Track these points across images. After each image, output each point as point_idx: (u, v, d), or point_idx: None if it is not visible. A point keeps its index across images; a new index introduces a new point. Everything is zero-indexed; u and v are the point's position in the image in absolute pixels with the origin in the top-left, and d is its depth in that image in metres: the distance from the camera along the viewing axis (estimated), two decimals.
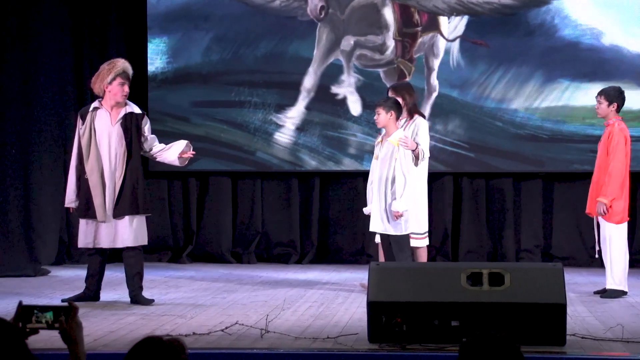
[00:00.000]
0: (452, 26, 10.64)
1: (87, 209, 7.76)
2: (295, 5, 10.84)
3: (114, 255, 11.01)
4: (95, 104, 7.85)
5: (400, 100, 8.48)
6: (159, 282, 9.20)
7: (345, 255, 10.99)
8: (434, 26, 10.68)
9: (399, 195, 8.19)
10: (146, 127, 7.95)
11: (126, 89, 7.78)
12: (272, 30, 10.86)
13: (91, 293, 7.89)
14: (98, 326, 6.68)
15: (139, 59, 11.00)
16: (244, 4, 10.88)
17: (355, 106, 10.77)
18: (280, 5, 10.85)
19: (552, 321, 5.91)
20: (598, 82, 9.78)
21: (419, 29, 10.71)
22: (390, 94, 8.62)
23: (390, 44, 10.74)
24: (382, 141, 8.48)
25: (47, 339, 4.41)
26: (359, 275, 9.41)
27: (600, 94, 8.45)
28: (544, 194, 10.82)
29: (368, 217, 8.38)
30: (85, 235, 7.82)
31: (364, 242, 10.88)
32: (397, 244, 8.26)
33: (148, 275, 9.60)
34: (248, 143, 10.92)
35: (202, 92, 10.95)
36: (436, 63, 10.67)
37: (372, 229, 8.37)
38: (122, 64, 7.82)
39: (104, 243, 7.78)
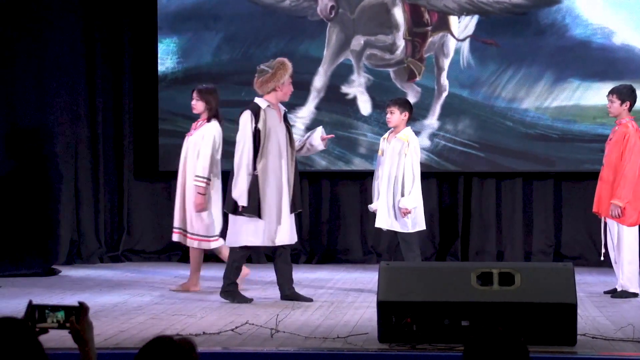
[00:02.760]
0: (463, 26, 10.62)
1: (269, 207, 7.80)
2: (305, 5, 10.84)
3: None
4: (264, 101, 7.90)
5: (204, 103, 8.49)
6: (169, 282, 9.21)
7: (354, 255, 10.98)
8: (444, 26, 10.67)
9: (407, 192, 8.18)
10: None
11: (292, 87, 8.01)
12: (282, 30, 10.86)
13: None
14: (109, 326, 6.69)
15: (149, 59, 11.03)
16: (254, 3, 10.88)
17: (365, 106, 10.76)
18: (290, 4, 10.85)
19: (563, 321, 5.90)
20: (609, 82, 9.73)
21: (429, 28, 10.69)
22: (195, 96, 8.57)
23: (401, 43, 10.73)
24: (388, 137, 8.48)
25: (58, 338, 4.41)
26: (368, 275, 9.40)
27: (612, 92, 8.38)
28: (554, 194, 10.79)
29: None
30: (268, 232, 7.80)
31: (373, 242, 10.88)
32: (405, 243, 8.26)
33: (158, 276, 9.64)
34: None
35: None
36: (446, 63, 10.65)
37: (377, 224, 8.37)
38: (290, 64, 7.98)
39: (285, 239, 7.87)
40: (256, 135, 7.81)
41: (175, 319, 7.05)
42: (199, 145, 8.44)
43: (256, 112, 7.85)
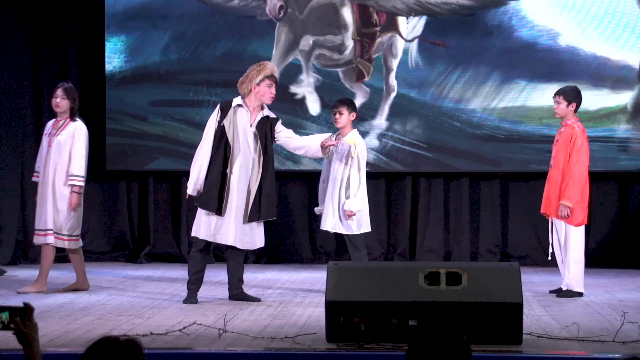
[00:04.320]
0: (411, 26, 10.68)
1: (218, 203, 7.73)
2: (254, 5, 10.82)
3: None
4: (238, 100, 7.87)
5: (69, 102, 8.48)
6: (116, 282, 9.15)
7: (303, 255, 10.99)
8: (392, 26, 10.71)
9: (352, 195, 8.20)
10: (282, 127, 7.98)
11: (273, 91, 7.89)
12: (231, 30, 10.83)
13: (197, 289, 7.89)
14: (54, 326, 6.63)
15: (96, 58, 10.95)
16: (203, 3, 10.84)
17: (314, 106, 10.78)
18: (239, 4, 10.82)
19: (509, 320, 5.95)
20: (555, 83, 9.86)
21: (378, 29, 10.73)
22: (60, 94, 8.46)
23: (349, 43, 10.76)
24: (335, 140, 8.49)
25: (3, 339, 4.37)
26: (317, 275, 9.41)
27: (558, 93, 8.48)
28: (501, 194, 10.89)
29: None
30: (208, 228, 7.78)
31: (322, 242, 10.89)
32: (351, 244, 8.28)
33: (105, 276, 9.57)
34: None
35: (161, 92, 10.89)
36: (395, 63, 10.70)
37: (323, 227, 8.39)
38: (271, 66, 7.92)
39: (226, 239, 7.80)
40: (222, 132, 7.79)
41: (122, 319, 7.01)
42: (69, 144, 8.37)
43: (224, 108, 7.86)
